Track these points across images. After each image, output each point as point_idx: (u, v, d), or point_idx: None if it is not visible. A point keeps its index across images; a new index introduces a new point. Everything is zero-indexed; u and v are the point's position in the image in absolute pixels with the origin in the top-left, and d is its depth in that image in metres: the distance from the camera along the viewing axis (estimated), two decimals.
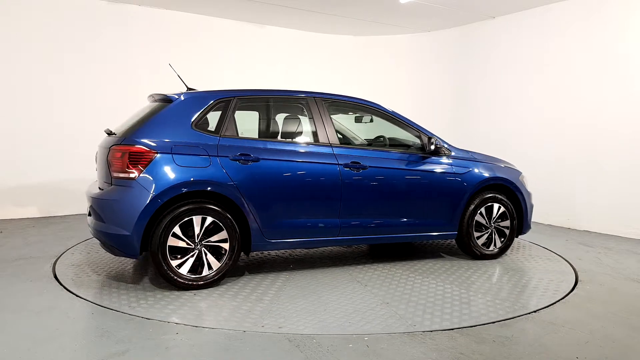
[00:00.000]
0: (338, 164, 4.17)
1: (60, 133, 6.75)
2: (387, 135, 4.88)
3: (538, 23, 6.98)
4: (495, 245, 4.85)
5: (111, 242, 3.63)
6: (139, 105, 7.31)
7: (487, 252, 4.79)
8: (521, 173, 5.18)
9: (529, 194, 5.13)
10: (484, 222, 4.77)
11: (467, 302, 3.54)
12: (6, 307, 3.28)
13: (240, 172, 3.81)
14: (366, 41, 9.10)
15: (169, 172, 3.62)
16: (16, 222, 6.22)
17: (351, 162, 4.21)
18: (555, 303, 3.56)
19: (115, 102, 7.13)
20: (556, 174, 6.80)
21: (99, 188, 3.90)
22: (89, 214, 3.91)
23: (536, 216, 7.08)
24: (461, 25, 8.13)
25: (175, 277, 3.63)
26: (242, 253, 3.97)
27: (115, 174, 3.64)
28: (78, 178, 6.88)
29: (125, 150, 3.62)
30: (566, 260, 4.81)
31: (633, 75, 5.97)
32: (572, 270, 4.46)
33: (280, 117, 4.49)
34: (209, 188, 3.71)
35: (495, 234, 4.85)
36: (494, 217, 4.82)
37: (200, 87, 4.86)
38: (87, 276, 3.98)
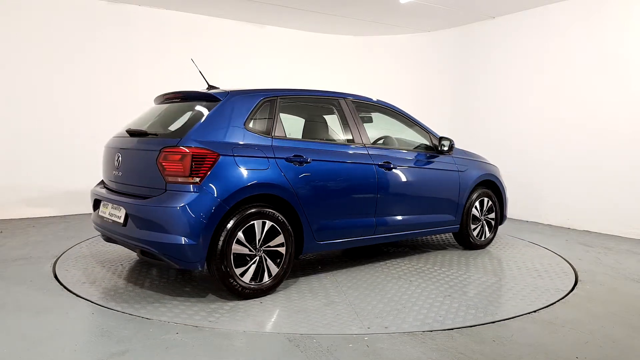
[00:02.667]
0: (374, 164, 4.28)
1: (60, 133, 6.75)
2: (393, 136, 4.96)
3: (538, 23, 6.99)
4: (485, 236, 5.32)
5: (171, 252, 3.27)
6: (139, 105, 7.32)
7: (479, 243, 5.24)
8: (499, 168, 5.66)
9: (505, 188, 5.63)
10: (477, 215, 5.19)
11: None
12: (6, 307, 3.28)
13: (295, 173, 3.71)
14: (366, 41, 9.10)
15: (234, 176, 3.41)
16: (16, 222, 6.22)
17: (384, 162, 4.34)
18: (555, 303, 3.56)
19: (115, 101, 7.14)
20: (556, 173, 6.80)
21: (131, 194, 3.57)
22: (124, 223, 3.50)
23: (536, 216, 7.09)
24: (461, 25, 8.13)
25: (240, 286, 3.43)
26: None
27: (173, 179, 3.31)
28: (78, 178, 6.89)
29: (185, 152, 3.30)
30: (566, 260, 4.81)
31: (633, 75, 5.98)
32: (572, 270, 4.46)
33: (319, 117, 4.48)
34: (271, 191, 3.56)
35: (485, 226, 5.31)
36: (484, 210, 5.28)
37: (200, 87, 4.85)
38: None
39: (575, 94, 6.58)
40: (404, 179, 4.49)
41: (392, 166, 4.39)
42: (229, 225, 3.36)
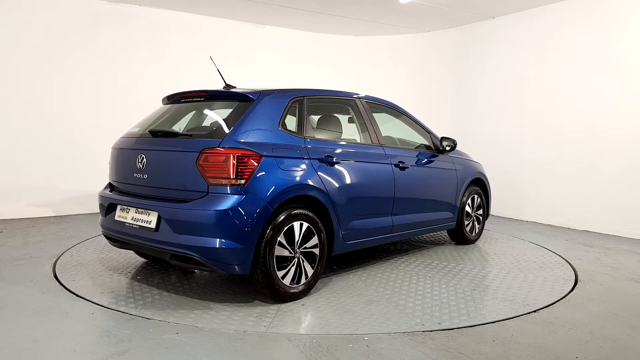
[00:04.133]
0: (391, 164, 4.35)
1: (60, 132, 6.76)
2: (393, 136, 4.98)
3: (538, 23, 6.99)
4: (475, 231, 5.57)
5: (216, 257, 3.17)
6: (139, 105, 7.34)
7: (472, 238, 5.52)
8: (483, 166, 5.86)
9: (490, 185, 5.88)
10: (469, 211, 5.45)
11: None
12: (6, 307, 3.28)
13: (327, 174, 3.71)
14: (366, 41, 9.10)
15: (276, 177, 3.35)
16: (16, 222, 6.22)
17: (398, 162, 4.43)
18: (555, 303, 3.56)
19: (115, 101, 7.15)
20: (556, 173, 6.80)
21: (164, 198, 3.40)
22: (156, 228, 3.32)
23: (536, 216, 7.10)
24: (461, 25, 8.13)
25: (282, 290, 3.38)
26: None
27: (216, 181, 3.19)
28: (78, 178, 6.89)
29: (230, 153, 3.19)
30: (566, 260, 4.81)
31: (633, 75, 5.98)
32: (572, 270, 4.46)
33: (340, 118, 4.47)
34: (308, 192, 3.54)
35: (475, 222, 5.55)
36: (475, 207, 5.52)
37: (202, 86, 4.85)
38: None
39: (575, 94, 6.58)
40: (415, 178, 4.62)
41: (405, 166, 4.48)
42: (273, 228, 3.31)
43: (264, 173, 3.29)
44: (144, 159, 3.54)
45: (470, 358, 2.63)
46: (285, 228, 3.38)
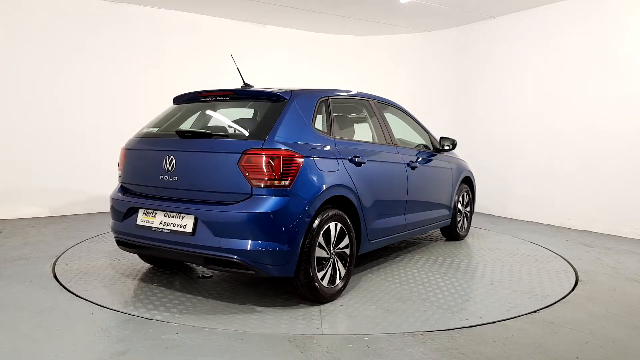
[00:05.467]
0: (404, 163, 4.45)
1: (60, 132, 6.76)
2: (396, 135, 4.99)
3: (538, 23, 6.99)
4: (465, 227, 5.77)
5: (263, 260, 3.12)
6: (139, 105, 7.34)
7: (462, 234, 5.71)
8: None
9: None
10: (460, 208, 5.60)
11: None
12: (6, 307, 3.28)
13: (355, 174, 3.72)
14: (366, 41, 9.10)
15: (317, 178, 3.35)
16: (16, 222, 6.22)
17: (410, 161, 4.52)
18: (555, 303, 3.56)
19: (115, 101, 7.15)
20: (556, 173, 6.80)
21: (201, 200, 3.28)
22: (193, 232, 3.21)
23: (536, 216, 7.09)
24: (461, 25, 8.13)
25: (322, 291, 3.36)
26: None
27: (261, 182, 3.12)
28: (78, 178, 6.89)
29: (275, 154, 3.14)
30: (566, 260, 4.81)
31: (633, 75, 5.98)
32: (572, 270, 4.46)
33: (363, 118, 4.51)
34: (342, 193, 3.53)
35: (464, 218, 5.73)
36: (464, 204, 5.69)
37: (202, 86, 4.85)
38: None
39: (575, 94, 6.58)
40: (422, 177, 4.73)
41: (415, 165, 4.58)
42: (314, 229, 3.29)
43: (305, 174, 3.27)
44: (173, 161, 3.38)
45: (471, 358, 2.63)
46: (324, 229, 3.37)
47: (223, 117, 3.92)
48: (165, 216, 3.37)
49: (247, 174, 3.13)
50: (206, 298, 3.51)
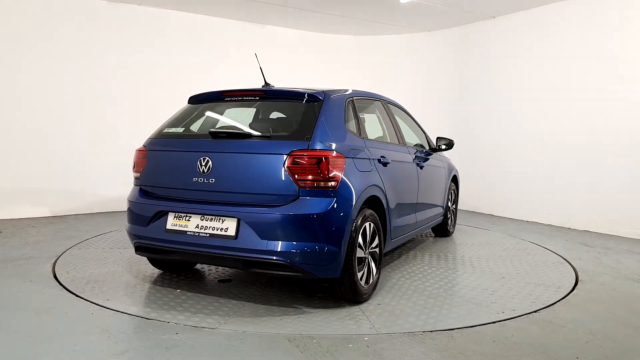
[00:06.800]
0: (414, 163, 4.57)
1: (59, 132, 6.75)
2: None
3: (538, 23, 6.99)
4: (453, 224, 5.95)
5: (313, 261, 3.08)
6: (139, 105, 7.33)
7: (452, 230, 5.90)
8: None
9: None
10: (449, 205, 5.74)
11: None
12: (6, 307, 3.28)
13: (383, 175, 3.76)
14: (366, 41, 9.10)
15: (358, 179, 3.36)
16: (16, 222, 6.22)
17: (418, 161, 4.67)
18: (555, 303, 3.56)
19: (115, 101, 7.14)
20: (556, 173, 6.80)
21: (243, 203, 3.19)
22: (236, 235, 3.12)
23: (536, 216, 7.09)
24: (461, 25, 8.13)
25: (361, 290, 3.39)
26: None
27: (309, 184, 3.08)
28: (78, 178, 6.89)
29: (322, 156, 3.11)
30: (566, 260, 4.81)
31: (633, 75, 5.98)
32: (572, 270, 4.46)
33: (373, 118, 4.53)
34: (376, 193, 3.57)
35: (453, 215, 5.89)
36: (452, 202, 5.83)
37: (202, 86, 4.85)
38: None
39: (575, 94, 6.57)
40: (427, 176, 4.85)
41: (422, 164, 4.72)
42: (357, 229, 3.30)
43: (348, 175, 3.27)
44: (209, 162, 3.26)
45: (470, 358, 2.63)
46: (362, 229, 3.39)
47: (256, 118, 3.86)
48: (202, 219, 3.25)
49: (294, 175, 3.09)
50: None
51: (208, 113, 3.84)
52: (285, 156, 3.11)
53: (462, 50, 8.19)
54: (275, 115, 3.83)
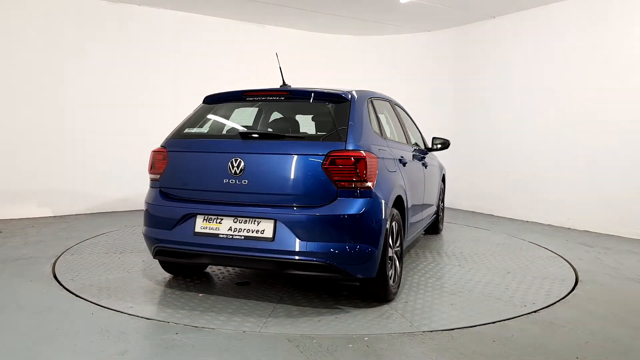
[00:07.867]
0: (421, 162, 4.68)
1: (60, 132, 6.76)
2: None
3: (538, 23, 6.99)
4: (442, 221, 6.12)
5: (353, 262, 3.08)
6: (139, 105, 7.33)
7: (441, 227, 6.06)
8: None
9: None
10: (440, 203, 5.87)
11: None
12: (6, 307, 3.28)
13: (404, 175, 3.84)
14: (366, 41, 9.10)
15: (388, 179, 3.43)
16: (16, 222, 6.22)
17: (423, 161, 4.79)
18: (555, 303, 3.56)
19: (115, 101, 7.14)
20: (556, 173, 6.80)
21: (279, 204, 3.14)
22: (273, 237, 3.07)
23: (536, 216, 7.09)
24: (461, 25, 8.13)
25: (391, 290, 3.42)
26: None
27: (347, 184, 3.07)
28: (78, 178, 6.89)
29: (359, 157, 3.10)
30: (566, 260, 4.81)
31: (633, 74, 5.97)
32: (572, 270, 4.46)
33: (385, 119, 4.50)
34: (400, 193, 3.62)
35: (442, 213, 6.07)
36: (441, 200, 5.96)
37: (202, 86, 4.85)
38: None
39: (575, 94, 6.57)
40: (428, 175, 4.97)
41: (425, 164, 4.84)
42: (389, 228, 3.33)
43: (381, 175, 3.31)
44: (241, 163, 3.19)
45: (470, 358, 2.63)
46: (390, 228, 3.40)
47: (283, 118, 3.83)
48: (235, 222, 3.18)
49: (332, 176, 3.08)
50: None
51: (229, 113, 3.79)
52: (322, 157, 3.10)
53: (462, 50, 8.19)
54: (303, 116, 3.81)
